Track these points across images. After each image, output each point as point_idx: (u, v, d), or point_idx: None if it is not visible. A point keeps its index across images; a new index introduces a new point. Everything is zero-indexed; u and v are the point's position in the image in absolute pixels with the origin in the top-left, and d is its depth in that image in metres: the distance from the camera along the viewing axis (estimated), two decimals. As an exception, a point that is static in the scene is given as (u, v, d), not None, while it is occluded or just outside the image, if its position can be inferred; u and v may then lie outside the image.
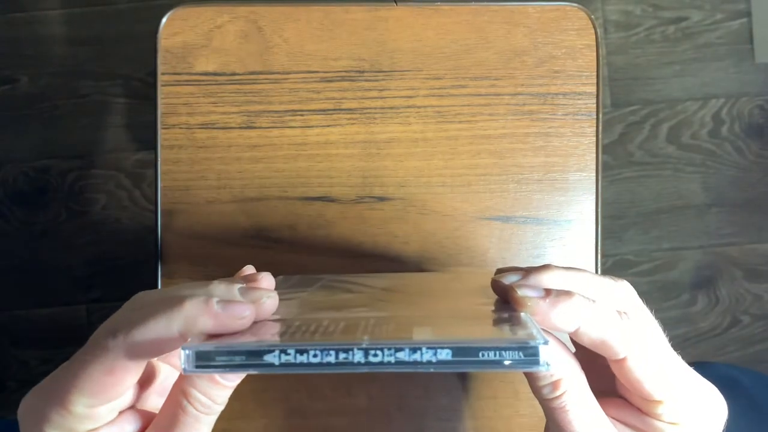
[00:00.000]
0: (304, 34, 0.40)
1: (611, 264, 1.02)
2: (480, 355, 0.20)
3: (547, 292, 0.24)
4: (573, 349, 0.26)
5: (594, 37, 0.40)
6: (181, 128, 0.39)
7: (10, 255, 0.98)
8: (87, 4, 1.00)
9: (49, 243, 0.98)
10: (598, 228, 0.40)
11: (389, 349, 0.20)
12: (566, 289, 0.25)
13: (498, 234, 0.40)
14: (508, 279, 0.26)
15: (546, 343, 0.20)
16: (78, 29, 1.00)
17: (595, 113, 0.40)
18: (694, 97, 1.04)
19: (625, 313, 0.25)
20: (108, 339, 0.23)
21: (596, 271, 0.40)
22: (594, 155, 0.40)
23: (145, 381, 0.27)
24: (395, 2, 0.40)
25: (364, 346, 0.20)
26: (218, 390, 0.23)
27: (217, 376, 0.23)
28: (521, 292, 0.24)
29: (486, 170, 0.40)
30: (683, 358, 0.28)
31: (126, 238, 0.98)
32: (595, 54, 0.40)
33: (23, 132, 0.99)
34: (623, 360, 0.25)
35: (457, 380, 0.39)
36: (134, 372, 0.23)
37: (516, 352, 0.20)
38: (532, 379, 0.25)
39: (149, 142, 0.40)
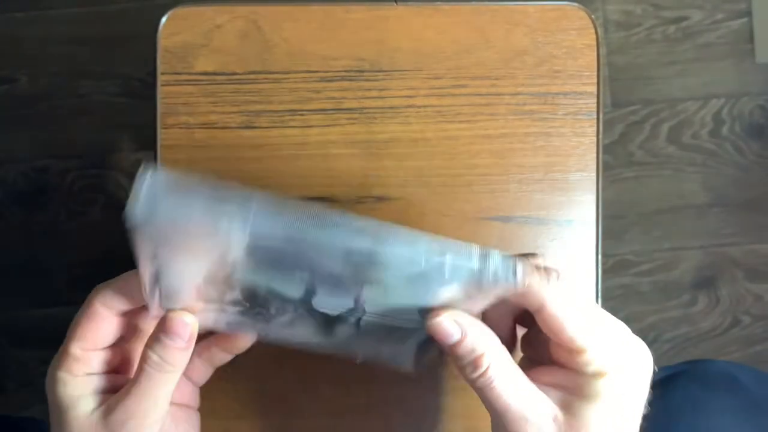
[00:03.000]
0: (304, 33, 0.40)
1: (612, 264, 1.02)
2: None
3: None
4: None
5: (594, 36, 0.40)
6: (180, 128, 0.39)
7: (9, 255, 0.98)
8: (87, 3, 1.00)
9: (48, 243, 0.98)
10: (598, 228, 0.40)
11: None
12: None
13: (498, 234, 0.40)
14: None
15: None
16: (78, 29, 1.00)
17: (595, 113, 0.40)
18: (694, 97, 1.04)
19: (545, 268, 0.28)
20: (92, 293, 0.30)
21: (596, 272, 0.40)
22: (595, 155, 0.40)
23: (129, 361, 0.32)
24: (395, 2, 0.40)
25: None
26: (168, 351, 0.28)
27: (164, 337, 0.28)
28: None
29: (486, 170, 0.40)
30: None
31: (126, 238, 0.97)
32: (595, 53, 0.40)
33: (22, 132, 0.99)
34: (544, 306, 0.26)
35: (456, 381, 0.39)
36: (108, 320, 0.29)
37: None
38: (457, 360, 0.27)
39: (148, 142, 0.40)
